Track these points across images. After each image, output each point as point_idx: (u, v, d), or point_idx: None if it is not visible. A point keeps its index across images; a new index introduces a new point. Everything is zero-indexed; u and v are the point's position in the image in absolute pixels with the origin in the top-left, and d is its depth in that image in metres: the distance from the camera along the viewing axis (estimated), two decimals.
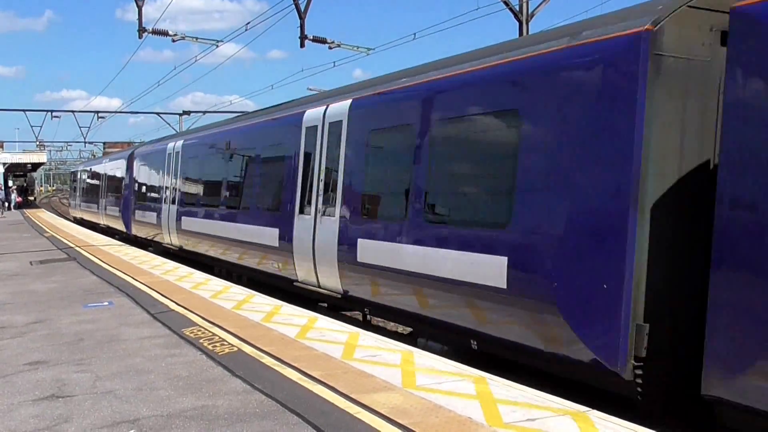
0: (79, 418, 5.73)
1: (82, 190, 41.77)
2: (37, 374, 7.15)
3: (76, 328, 9.42)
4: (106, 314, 10.36)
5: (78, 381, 6.85)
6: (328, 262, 10.99)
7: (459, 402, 5.82)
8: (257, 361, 7.33)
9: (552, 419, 5.40)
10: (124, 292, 12.35)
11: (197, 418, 5.66)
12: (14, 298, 12.19)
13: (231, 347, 7.98)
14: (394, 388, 6.27)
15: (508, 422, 5.33)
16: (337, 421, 5.47)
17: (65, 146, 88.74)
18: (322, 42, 25.30)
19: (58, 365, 7.49)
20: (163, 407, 5.97)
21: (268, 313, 10.01)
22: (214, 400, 6.11)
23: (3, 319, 10.24)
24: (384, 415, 5.53)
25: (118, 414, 5.82)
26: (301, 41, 23.45)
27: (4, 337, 9.00)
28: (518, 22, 16.21)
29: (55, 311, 10.73)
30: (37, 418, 5.79)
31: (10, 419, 5.77)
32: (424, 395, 6.02)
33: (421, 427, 5.24)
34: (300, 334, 8.56)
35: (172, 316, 10.01)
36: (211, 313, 10.07)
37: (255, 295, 11.78)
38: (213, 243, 16.62)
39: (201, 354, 7.77)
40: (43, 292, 12.78)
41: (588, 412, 5.59)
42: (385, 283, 9.70)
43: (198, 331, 8.92)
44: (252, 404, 5.98)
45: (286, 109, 13.89)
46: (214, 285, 13.07)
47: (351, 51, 27.12)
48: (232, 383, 6.62)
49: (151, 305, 10.91)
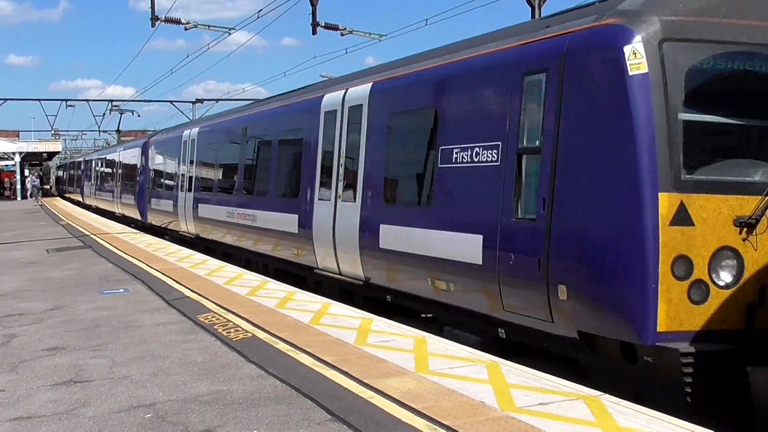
0: (97, 403, 5.82)
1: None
2: (55, 360, 7.25)
3: (92, 314, 9.52)
4: (122, 301, 10.46)
5: (95, 366, 6.94)
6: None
7: (472, 387, 5.84)
8: (271, 347, 7.39)
9: (564, 403, 5.42)
10: (140, 279, 12.46)
11: (212, 402, 5.73)
12: (32, 285, 12.33)
13: (245, 333, 8.04)
14: (407, 372, 6.31)
15: (521, 406, 5.35)
16: (350, 405, 5.51)
17: (80, 135, 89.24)
18: (334, 29, 25.27)
19: (75, 351, 7.59)
20: (178, 392, 6.04)
21: (282, 300, 10.07)
22: (228, 385, 6.17)
23: (21, 306, 10.37)
24: (397, 400, 5.56)
25: (135, 399, 5.89)
26: (313, 28, 23.43)
27: (23, 323, 9.12)
28: (530, 6, 16.08)
29: (71, 298, 10.85)
30: (56, 402, 5.88)
31: (29, 404, 5.87)
32: (437, 380, 6.06)
33: (434, 411, 5.28)
34: (314, 320, 8.62)
35: (187, 302, 10.10)
36: (226, 299, 10.14)
37: (269, 282, 11.84)
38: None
39: (215, 340, 7.84)
40: (60, 279, 12.92)
41: (600, 396, 5.61)
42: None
43: (212, 317, 9.00)
44: (266, 389, 6.03)
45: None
46: (228, 272, 13.15)
47: (363, 37, 27.07)
48: (247, 368, 6.68)
49: (166, 292, 11.01)
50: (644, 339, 6.13)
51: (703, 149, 6.58)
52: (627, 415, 5.15)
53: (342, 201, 11.12)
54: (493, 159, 7.86)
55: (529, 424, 4.98)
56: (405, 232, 9.39)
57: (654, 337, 6.09)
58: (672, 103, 6.32)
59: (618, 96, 6.43)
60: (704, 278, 6.22)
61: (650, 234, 6.11)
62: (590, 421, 5.03)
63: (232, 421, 5.30)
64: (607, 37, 6.65)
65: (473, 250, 7.89)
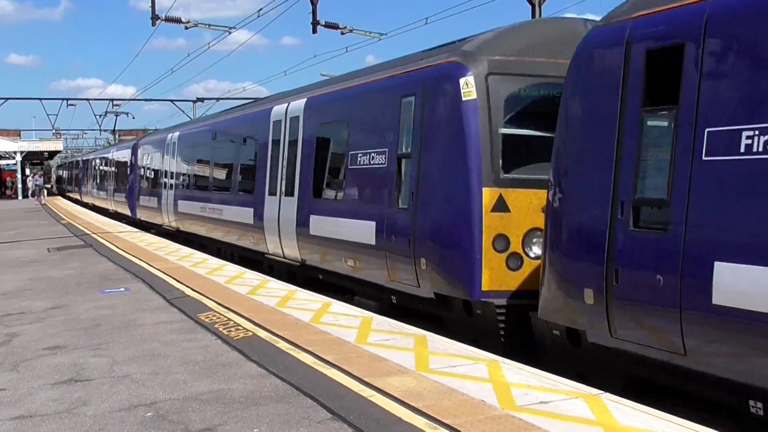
0: (97, 402, 5.82)
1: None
2: (56, 359, 7.26)
3: (93, 313, 9.53)
4: (123, 300, 10.47)
5: (96, 365, 6.94)
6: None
7: (472, 385, 5.85)
8: (272, 346, 7.40)
9: (565, 402, 5.43)
10: (140, 278, 12.47)
11: (213, 401, 5.74)
12: (32, 284, 12.35)
13: (246, 332, 8.05)
14: (407, 371, 6.31)
15: (521, 405, 5.36)
16: (350, 404, 5.52)
17: (81, 134, 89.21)
18: (334, 27, 25.28)
19: (76, 350, 7.60)
20: (179, 391, 6.05)
21: (283, 298, 10.08)
22: (229, 384, 6.18)
23: (22, 304, 10.38)
24: (397, 398, 5.57)
25: (135, 397, 5.90)
26: (314, 27, 23.44)
27: (24, 322, 9.13)
28: (531, 5, 16.08)
29: (72, 297, 10.86)
30: (57, 401, 5.89)
31: (30, 402, 5.88)
32: (437, 378, 6.06)
33: (434, 410, 5.28)
34: (314, 319, 8.62)
35: (188, 301, 10.11)
36: (226, 298, 10.15)
37: (270, 281, 11.85)
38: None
39: (216, 339, 7.85)
40: (61, 278, 12.93)
41: (601, 395, 5.61)
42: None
43: (213, 316, 9.01)
44: (267, 388, 6.04)
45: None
46: (228, 270, 13.16)
47: (363, 36, 27.06)
48: (247, 367, 6.69)
49: (167, 291, 11.02)
50: (473, 296, 8.37)
51: (516, 155, 8.58)
52: (627, 414, 5.15)
53: (285, 196, 13.33)
54: (382, 162, 10.11)
55: (530, 423, 4.98)
56: (328, 221, 11.62)
57: (480, 295, 8.32)
58: (494, 121, 8.47)
59: (455, 116, 8.64)
60: (519, 251, 8.36)
61: (477, 218, 8.32)
62: (591, 420, 5.04)
63: (232, 419, 5.31)
64: (450, 71, 8.86)
65: (369, 234, 10.17)
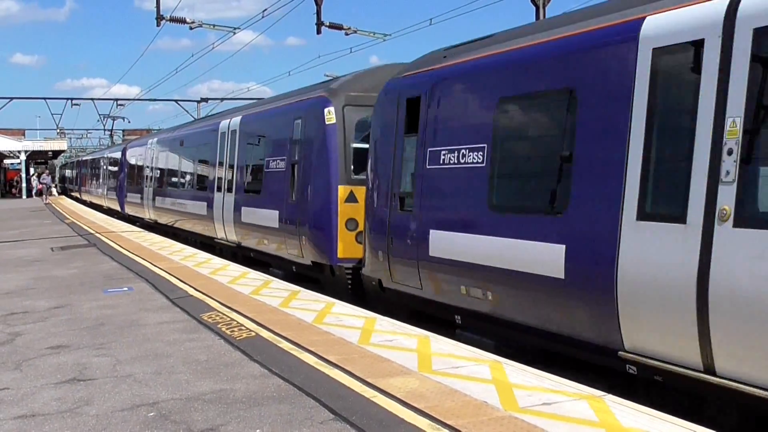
0: (100, 401, 5.83)
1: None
2: (59, 358, 7.26)
3: (96, 313, 9.55)
4: (126, 299, 10.48)
5: (99, 365, 6.95)
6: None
7: (475, 386, 5.84)
8: (275, 346, 7.40)
9: (568, 403, 5.41)
10: (144, 277, 12.48)
11: (215, 401, 5.74)
12: (36, 283, 12.37)
13: (249, 332, 8.05)
14: (410, 372, 6.31)
15: (524, 406, 5.35)
16: (353, 404, 5.52)
17: (85, 134, 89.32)
18: (339, 28, 25.27)
19: (79, 349, 7.61)
20: (181, 391, 6.05)
21: (285, 299, 10.08)
22: (232, 384, 6.18)
23: (26, 304, 10.40)
24: (400, 399, 5.56)
25: (138, 397, 5.90)
26: (318, 28, 23.44)
27: (27, 321, 9.14)
28: (535, 7, 16.07)
29: (76, 296, 10.88)
30: (59, 400, 5.89)
31: (33, 401, 5.88)
32: (440, 379, 6.06)
33: (437, 411, 5.27)
34: (317, 319, 8.62)
35: (191, 301, 10.11)
36: (229, 298, 10.16)
37: (272, 281, 11.86)
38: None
39: (219, 339, 7.85)
40: (65, 277, 12.95)
41: (604, 396, 5.60)
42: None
43: (216, 316, 9.01)
44: (270, 388, 6.04)
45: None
46: (231, 270, 13.18)
47: (367, 37, 27.05)
48: (250, 367, 6.69)
49: (170, 291, 11.03)
50: (332, 262, 11.87)
51: (360, 162, 11.70)
52: (630, 415, 5.14)
53: (227, 193, 17.03)
54: (283, 167, 13.73)
55: (533, 424, 4.97)
56: (252, 211, 15.18)
57: (336, 261, 11.81)
58: (347, 138, 12.02)
59: (321, 135, 12.24)
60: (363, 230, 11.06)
61: (334, 208, 11.80)
62: (593, 421, 5.02)
63: (235, 420, 5.31)
64: (320, 103, 12.50)
65: (274, 219, 13.80)
